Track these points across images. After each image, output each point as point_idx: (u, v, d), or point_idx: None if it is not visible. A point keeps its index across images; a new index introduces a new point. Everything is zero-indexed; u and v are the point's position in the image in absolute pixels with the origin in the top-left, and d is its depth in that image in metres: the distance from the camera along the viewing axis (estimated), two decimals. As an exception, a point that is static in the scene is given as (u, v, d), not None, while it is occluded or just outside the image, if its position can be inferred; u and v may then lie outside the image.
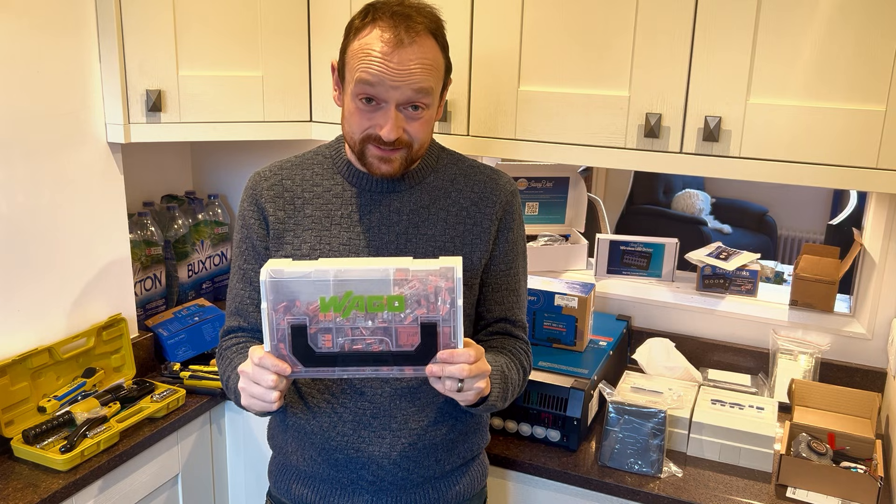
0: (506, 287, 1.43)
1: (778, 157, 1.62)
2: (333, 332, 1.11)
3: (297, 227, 1.40)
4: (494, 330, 1.45)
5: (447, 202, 1.40)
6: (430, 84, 1.28)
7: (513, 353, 1.41)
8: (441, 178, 1.41)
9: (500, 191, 1.42)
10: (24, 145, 1.71)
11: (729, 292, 2.12)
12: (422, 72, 1.26)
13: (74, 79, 1.80)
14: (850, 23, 1.52)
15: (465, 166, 1.44)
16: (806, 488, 1.57)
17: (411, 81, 1.25)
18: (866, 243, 1.98)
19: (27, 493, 1.52)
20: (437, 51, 1.30)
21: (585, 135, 1.78)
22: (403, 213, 1.38)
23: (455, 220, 1.39)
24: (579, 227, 2.38)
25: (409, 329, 1.11)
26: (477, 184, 1.42)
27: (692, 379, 1.92)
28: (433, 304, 1.09)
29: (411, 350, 1.12)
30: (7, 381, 1.68)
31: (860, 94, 1.54)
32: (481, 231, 1.40)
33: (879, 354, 1.93)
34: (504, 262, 1.43)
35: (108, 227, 1.94)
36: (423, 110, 1.29)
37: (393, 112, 1.27)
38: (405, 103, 1.27)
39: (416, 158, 1.35)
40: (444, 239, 1.38)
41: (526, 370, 1.44)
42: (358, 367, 1.13)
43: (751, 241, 4.93)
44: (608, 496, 1.63)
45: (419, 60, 1.25)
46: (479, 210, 1.40)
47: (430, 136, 1.36)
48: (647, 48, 1.68)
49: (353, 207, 1.38)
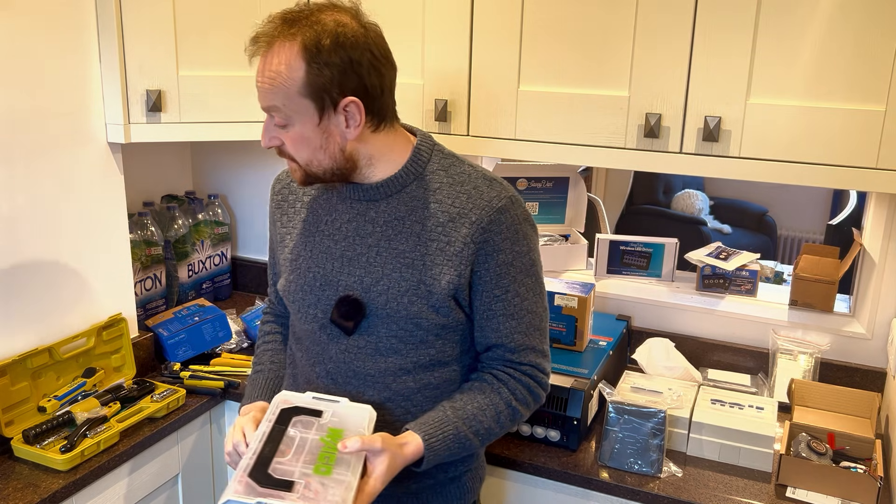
0: (502, 313, 1.32)
1: (778, 157, 1.62)
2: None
3: (293, 231, 1.41)
4: (494, 356, 1.37)
5: (424, 215, 1.30)
6: (274, 101, 1.22)
7: (498, 395, 1.34)
8: (423, 188, 1.32)
9: (483, 207, 1.29)
10: (25, 145, 1.71)
11: (729, 292, 2.12)
12: (265, 86, 1.23)
13: (74, 79, 1.80)
14: (849, 23, 1.52)
15: (455, 173, 1.33)
16: (806, 488, 1.57)
17: (260, 95, 1.24)
18: (866, 243, 1.98)
19: (27, 493, 1.52)
20: (294, 63, 1.20)
21: (585, 135, 1.78)
22: (378, 224, 1.32)
23: (429, 236, 1.30)
24: (579, 227, 2.38)
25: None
26: (460, 196, 1.30)
27: (692, 379, 1.92)
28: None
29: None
30: (7, 381, 1.68)
31: (860, 94, 1.54)
32: (454, 254, 1.28)
33: (879, 354, 1.93)
34: (497, 286, 1.31)
35: (108, 227, 1.94)
36: (287, 125, 1.24)
37: (266, 122, 1.27)
38: (269, 115, 1.26)
39: (320, 175, 1.29)
40: (413, 256, 1.30)
41: (514, 407, 1.35)
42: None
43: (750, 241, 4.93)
44: (608, 496, 1.63)
45: (266, 74, 1.22)
46: (454, 228, 1.29)
47: (314, 154, 1.27)
48: (647, 48, 1.68)
49: (336, 215, 1.36)
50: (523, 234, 1.32)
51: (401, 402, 1.34)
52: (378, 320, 1.31)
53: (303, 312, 1.38)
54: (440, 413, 1.31)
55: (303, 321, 1.39)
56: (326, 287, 1.35)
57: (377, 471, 1.19)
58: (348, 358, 1.34)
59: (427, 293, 1.29)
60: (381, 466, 1.19)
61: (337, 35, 1.20)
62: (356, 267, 1.33)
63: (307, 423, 1.24)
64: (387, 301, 1.30)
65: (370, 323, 1.32)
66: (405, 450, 1.24)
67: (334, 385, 1.36)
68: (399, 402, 1.34)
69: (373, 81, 1.24)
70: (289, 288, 1.40)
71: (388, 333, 1.31)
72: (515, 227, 1.31)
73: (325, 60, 1.19)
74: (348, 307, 1.32)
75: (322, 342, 1.37)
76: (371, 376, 1.34)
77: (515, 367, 1.36)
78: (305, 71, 1.20)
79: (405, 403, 1.34)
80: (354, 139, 1.27)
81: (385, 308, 1.30)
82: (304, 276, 1.37)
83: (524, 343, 1.35)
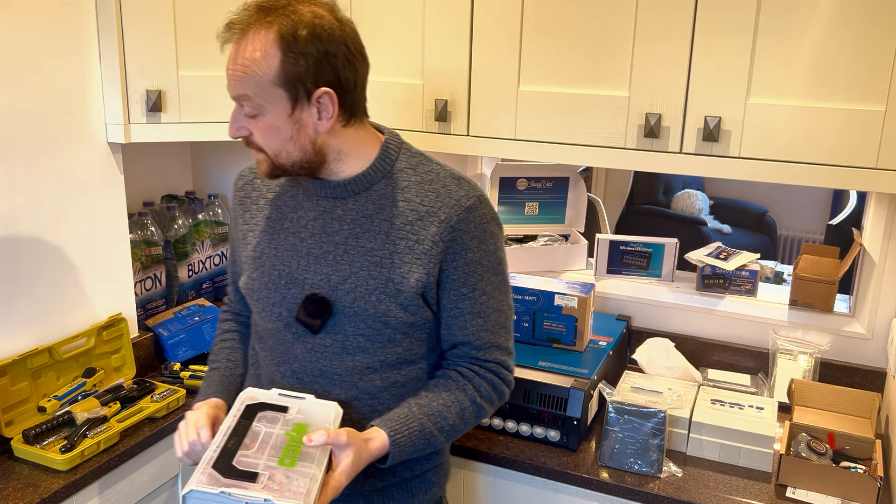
0: (469, 311, 1.33)
1: (778, 157, 1.62)
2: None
3: (256, 228, 1.39)
4: (459, 353, 1.37)
5: (393, 212, 1.30)
6: (246, 90, 1.21)
7: (463, 392, 1.34)
8: (392, 185, 1.32)
9: (451, 206, 1.29)
10: (25, 145, 1.71)
11: (729, 292, 2.12)
12: (237, 75, 1.21)
13: (74, 79, 1.80)
14: (849, 23, 1.52)
15: (424, 171, 1.33)
16: (806, 488, 1.57)
17: (231, 84, 1.23)
18: (866, 243, 1.98)
19: (27, 493, 1.52)
20: (269, 52, 1.19)
21: (585, 135, 1.78)
22: (345, 222, 1.32)
23: (397, 234, 1.29)
24: (579, 227, 2.38)
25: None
26: (429, 194, 1.31)
27: (692, 379, 1.92)
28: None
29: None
30: (7, 381, 1.68)
31: (860, 95, 1.54)
32: (422, 252, 1.29)
33: (879, 354, 1.93)
34: (464, 285, 1.32)
35: (108, 227, 1.94)
36: (258, 115, 1.23)
37: (234, 111, 1.26)
38: (238, 104, 1.25)
39: (288, 167, 1.28)
40: (382, 254, 1.29)
41: (479, 404, 1.36)
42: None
43: (750, 241, 4.93)
44: (608, 496, 1.63)
45: (239, 62, 1.21)
46: (423, 226, 1.29)
47: (284, 145, 1.26)
48: (647, 48, 1.68)
49: (302, 212, 1.35)
50: (490, 233, 1.33)
51: (367, 400, 1.34)
52: (345, 319, 1.31)
53: (267, 311, 1.36)
54: (405, 410, 1.31)
55: (267, 320, 1.37)
56: (292, 285, 1.34)
57: (342, 465, 1.18)
58: (314, 357, 1.33)
59: (395, 291, 1.29)
60: (347, 461, 1.19)
61: (314, 26, 1.20)
62: (323, 265, 1.32)
63: (272, 419, 1.24)
64: (354, 299, 1.30)
65: (337, 321, 1.31)
66: (370, 445, 1.24)
67: (300, 384, 1.35)
68: (366, 401, 1.34)
69: (347, 75, 1.24)
70: (252, 286, 1.38)
71: (356, 332, 1.31)
72: (483, 225, 1.32)
73: (300, 50, 1.19)
74: (315, 305, 1.31)
75: (287, 341, 1.35)
76: (338, 375, 1.33)
77: (481, 364, 1.37)
78: (280, 60, 1.19)
79: (372, 402, 1.34)
80: (325, 132, 1.26)
81: (353, 306, 1.30)
82: (269, 274, 1.36)
83: (490, 341, 1.36)
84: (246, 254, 1.41)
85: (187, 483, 1.10)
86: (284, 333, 1.35)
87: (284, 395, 1.30)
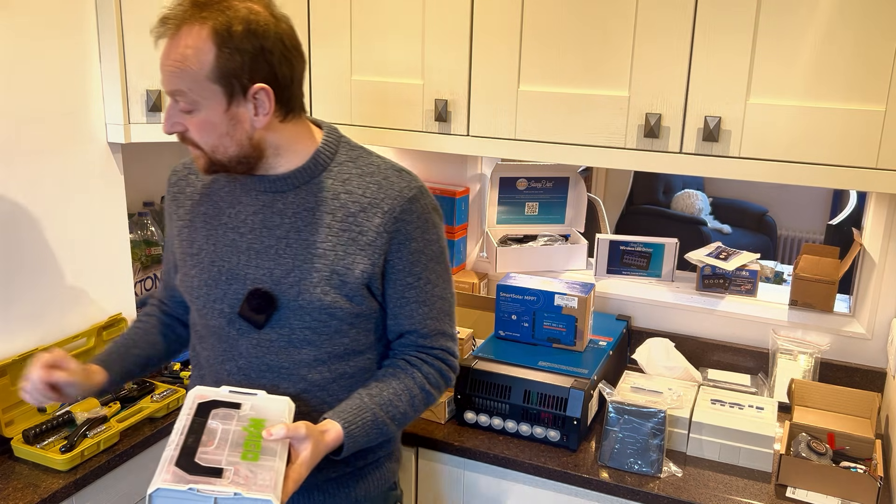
0: (415, 300, 1.35)
1: (778, 157, 1.62)
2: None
3: (191, 226, 1.38)
4: (406, 342, 1.39)
5: (335, 205, 1.31)
6: (180, 86, 1.21)
7: (412, 379, 1.36)
8: (332, 178, 1.32)
9: (394, 197, 1.31)
10: (24, 145, 1.71)
11: (729, 292, 2.12)
12: (171, 69, 1.21)
13: (74, 79, 1.80)
14: (849, 23, 1.52)
15: (364, 164, 1.34)
16: (806, 488, 1.57)
17: (165, 79, 1.22)
18: (866, 243, 1.98)
19: (27, 493, 1.52)
20: (203, 47, 1.19)
21: (585, 135, 1.78)
22: (286, 216, 1.31)
23: (340, 226, 1.30)
24: (579, 227, 2.38)
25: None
26: (370, 186, 1.32)
27: (692, 379, 1.92)
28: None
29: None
30: (7, 381, 1.68)
31: (859, 95, 1.54)
32: (367, 243, 1.30)
33: (879, 354, 1.93)
34: (409, 274, 1.33)
35: (108, 227, 1.94)
36: (193, 111, 1.23)
37: (169, 107, 1.25)
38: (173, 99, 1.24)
39: (224, 162, 1.27)
40: (324, 247, 1.30)
41: (427, 390, 1.38)
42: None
43: (750, 241, 4.93)
44: (608, 496, 1.63)
45: (173, 57, 1.20)
46: (366, 217, 1.30)
47: (220, 141, 1.25)
48: (647, 48, 1.68)
49: (240, 207, 1.34)
50: (433, 223, 1.36)
51: (316, 392, 1.35)
52: (290, 312, 1.31)
53: (208, 308, 1.35)
54: (357, 401, 1.31)
55: (208, 317, 1.36)
56: (233, 281, 1.33)
57: (301, 456, 1.19)
58: (260, 352, 1.33)
59: (340, 283, 1.30)
60: (306, 452, 1.19)
61: (249, 22, 1.19)
62: (265, 259, 1.32)
63: (226, 416, 1.23)
64: (299, 292, 1.30)
65: (282, 315, 1.31)
66: (326, 437, 1.24)
67: (247, 381, 1.35)
68: (315, 393, 1.34)
69: (283, 71, 1.24)
70: (191, 283, 1.37)
71: (302, 325, 1.31)
72: (426, 216, 1.34)
73: (236, 46, 1.19)
74: (259, 300, 1.30)
75: (231, 338, 1.35)
76: (285, 369, 1.33)
77: (427, 351, 1.39)
78: (215, 55, 1.19)
79: (321, 394, 1.35)
80: (262, 128, 1.26)
81: (297, 300, 1.30)
82: (208, 271, 1.35)
83: (436, 328, 1.38)
84: (181, 250, 1.39)
85: (151, 482, 1.09)
86: (228, 330, 1.35)
87: (235, 391, 1.29)
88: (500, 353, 1.87)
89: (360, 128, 2.02)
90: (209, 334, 1.38)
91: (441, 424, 1.82)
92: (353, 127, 2.03)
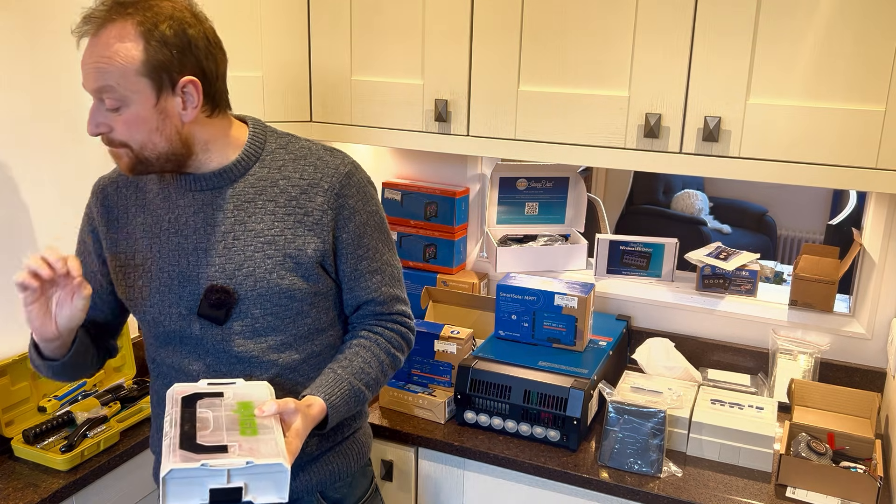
0: (368, 270, 1.40)
1: (777, 157, 1.62)
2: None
3: (129, 238, 1.37)
4: (365, 313, 1.43)
5: (275, 192, 1.34)
6: (109, 81, 1.20)
7: (377, 346, 1.41)
8: (267, 167, 1.35)
9: (331, 175, 1.35)
10: (24, 145, 1.71)
11: (728, 292, 2.12)
12: (97, 66, 1.20)
13: (75, 79, 1.80)
14: (849, 23, 1.52)
15: (295, 149, 1.38)
16: (805, 488, 1.57)
17: (91, 77, 1.22)
18: (866, 243, 1.98)
19: (27, 493, 1.53)
20: (130, 43, 1.19)
21: (585, 135, 1.78)
22: (228, 211, 1.33)
23: (284, 211, 1.33)
24: (579, 227, 2.38)
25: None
26: (306, 168, 1.35)
27: (692, 379, 1.92)
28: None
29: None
30: (7, 381, 1.68)
31: (859, 95, 1.54)
32: (314, 222, 1.34)
33: (879, 354, 1.93)
34: (358, 247, 1.38)
35: (109, 227, 1.93)
36: (121, 107, 1.22)
37: (92, 107, 1.25)
38: (98, 99, 1.23)
39: (153, 160, 1.27)
40: (272, 233, 1.32)
41: (393, 354, 1.44)
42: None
43: (750, 241, 4.93)
44: (608, 496, 1.63)
45: (98, 54, 1.20)
46: (308, 199, 1.34)
47: (150, 136, 1.25)
48: (647, 48, 1.68)
49: (179, 210, 1.34)
50: (370, 195, 1.41)
51: (288, 374, 1.37)
52: (249, 302, 1.32)
53: (165, 313, 1.35)
54: (331, 374, 1.35)
55: (167, 322, 1.36)
56: (186, 283, 1.33)
57: (294, 427, 1.22)
58: (227, 346, 1.34)
59: (295, 265, 1.33)
60: (297, 423, 1.22)
61: (173, 18, 1.22)
62: (214, 256, 1.32)
63: (212, 404, 1.24)
64: (255, 282, 1.32)
65: (242, 307, 1.33)
66: (311, 410, 1.28)
67: (218, 376, 1.36)
68: (287, 376, 1.37)
69: (209, 66, 1.26)
70: (140, 293, 1.36)
71: (264, 312, 1.33)
72: (363, 188, 1.39)
73: (163, 39, 1.21)
74: (218, 295, 1.32)
75: (194, 338, 1.35)
76: (255, 357, 1.35)
77: (386, 318, 1.44)
78: (143, 49, 1.20)
79: (292, 375, 1.37)
80: (190, 122, 1.27)
81: (255, 289, 1.32)
82: (158, 278, 1.35)
83: (391, 294, 1.44)
84: (119, 263, 1.38)
85: (161, 467, 1.08)
86: (189, 331, 1.35)
87: (213, 383, 1.30)
88: (500, 353, 1.88)
89: (360, 128, 2.02)
90: (169, 340, 1.38)
91: (441, 424, 1.82)
92: (353, 127, 2.03)
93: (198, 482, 1.09)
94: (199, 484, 1.09)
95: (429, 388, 1.91)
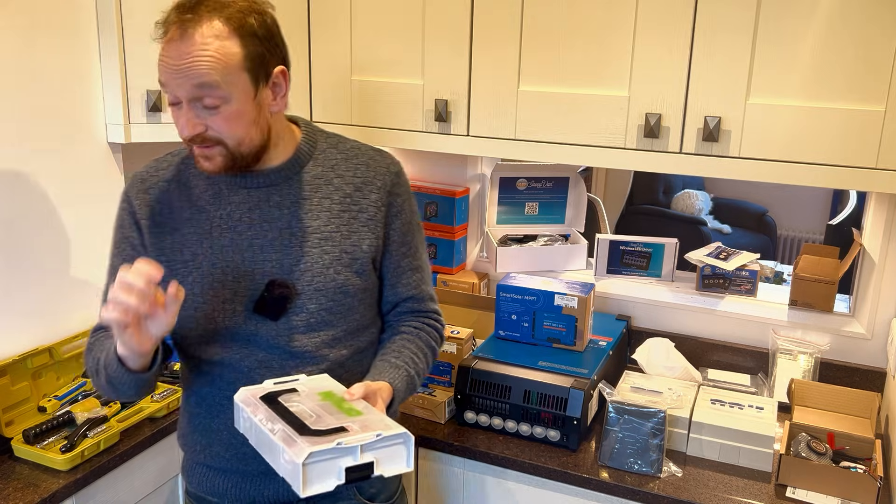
0: (409, 267, 1.44)
1: (777, 157, 1.62)
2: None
3: (175, 233, 1.35)
4: (403, 310, 1.46)
5: (329, 189, 1.36)
6: (214, 78, 1.19)
7: (420, 339, 1.45)
8: (320, 166, 1.37)
9: (384, 173, 1.39)
10: (25, 145, 1.71)
11: (728, 292, 2.12)
12: (198, 65, 1.18)
13: (75, 79, 1.80)
14: (849, 23, 1.52)
15: (346, 149, 1.41)
16: (805, 488, 1.57)
17: (190, 76, 1.19)
18: (866, 243, 1.98)
19: (27, 493, 1.53)
20: (226, 40, 1.20)
21: (585, 135, 1.78)
22: (284, 207, 1.33)
23: (340, 208, 1.36)
24: (579, 227, 2.38)
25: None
26: (359, 167, 1.39)
27: (692, 379, 1.92)
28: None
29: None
30: (7, 381, 1.68)
31: (859, 95, 1.54)
32: (368, 218, 1.37)
33: (879, 354, 1.93)
34: (403, 243, 1.42)
35: (109, 227, 1.93)
36: (222, 105, 1.21)
37: (185, 109, 1.22)
38: (194, 100, 1.21)
39: (246, 155, 1.27)
40: (329, 230, 1.34)
41: (434, 347, 1.48)
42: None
43: (750, 241, 4.93)
44: (608, 496, 1.63)
45: (195, 54, 1.18)
46: (363, 195, 1.37)
47: (248, 130, 1.25)
48: (647, 48, 1.68)
49: (232, 207, 1.33)
50: (412, 195, 1.47)
51: (336, 370, 1.37)
52: (306, 298, 1.33)
53: (218, 310, 1.33)
54: (386, 363, 1.38)
55: (220, 317, 1.33)
56: (241, 278, 1.32)
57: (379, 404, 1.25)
58: (282, 342, 1.34)
59: (350, 261, 1.35)
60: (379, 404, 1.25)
61: (253, 9, 1.23)
62: (270, 252, 1.33)
63: (294, 399, 1.22)
64: (312, 277, 1.33)
65: (298, 302, 1.33)
66: (384, 394, 1.30)
67: (269, 372, 1.34)
68: (335, 371, 1.36)
69: (287, 53, 1.30)
70: (191, 289, 1.33)
71: (319, 307, 1.34)
72: (408, 188, 1.45)
73: (253, 32, 1.22)
74: (280, 290, 1.32)
75: (248, 334, 1.34)
76: (309, 352, 1.35)
77: (422, 315, 1.48)
78: (240, 44, 1.21)
79: (339, 370, 1.37)
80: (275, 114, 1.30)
81: (312, 284, 1.33)
82: (211, 274, 1.33)
83: (427, 292, 1.49)
84: (165, 259, 1.35)
85: (295, 453, 1.05)
86: (244, 327, 1.34)
87: (279, 381, 1.28)
88: (500, 353, 1.88)
89: (360, 128, 2.02)
90: (218, 337, 1.36)
91: (441, 424, 1.82)
92: (353, 127, 2.03)
93: (331, 464, 1.08)
94: (332, 465, 1.08)
95: (429, 388, 1.91)
